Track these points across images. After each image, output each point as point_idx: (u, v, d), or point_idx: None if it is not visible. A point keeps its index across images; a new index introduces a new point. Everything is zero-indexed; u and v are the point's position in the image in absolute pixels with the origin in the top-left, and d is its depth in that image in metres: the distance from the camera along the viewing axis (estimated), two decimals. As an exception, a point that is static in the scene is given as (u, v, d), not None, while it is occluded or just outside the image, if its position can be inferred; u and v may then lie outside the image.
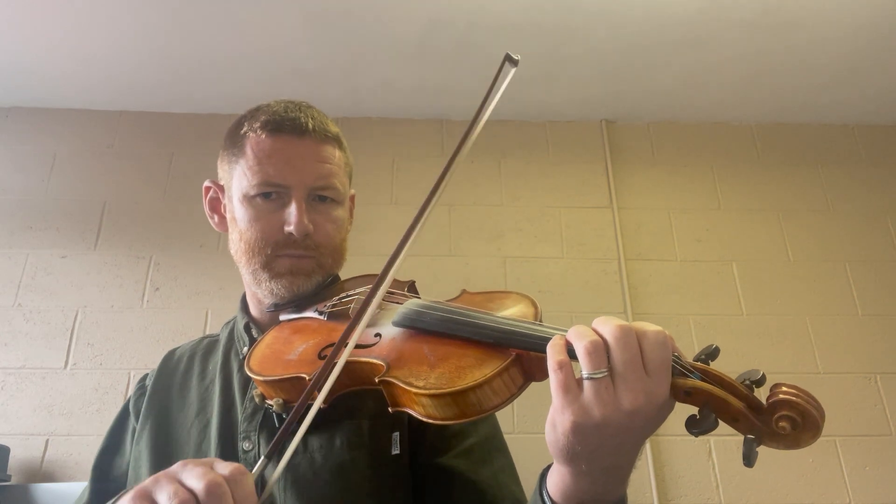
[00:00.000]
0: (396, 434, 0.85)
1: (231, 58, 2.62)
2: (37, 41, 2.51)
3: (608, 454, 0.58)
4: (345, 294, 0.90)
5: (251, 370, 0.80)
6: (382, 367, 0.68)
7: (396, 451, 0.84)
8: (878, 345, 2.61)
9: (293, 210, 0.90)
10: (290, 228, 0.89)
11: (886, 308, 2.69)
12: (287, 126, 0.92)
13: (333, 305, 0.88)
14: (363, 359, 0.71)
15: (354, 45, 2.56)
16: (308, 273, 0.92)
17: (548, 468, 0.66)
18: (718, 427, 0.56)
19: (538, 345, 0.61)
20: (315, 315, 0.88)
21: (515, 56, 0.84)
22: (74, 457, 2.28)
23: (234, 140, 0.96)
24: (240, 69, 2.67)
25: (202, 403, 0.94)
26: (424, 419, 0.64)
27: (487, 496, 0.82)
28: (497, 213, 2.82)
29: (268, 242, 0.91)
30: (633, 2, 2.35)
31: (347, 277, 0.99)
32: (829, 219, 2.87)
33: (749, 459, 0.54)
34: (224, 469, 0.57)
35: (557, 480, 0.63)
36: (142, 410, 0.97)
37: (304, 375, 0.73)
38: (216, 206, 1.02)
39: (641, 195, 2.89)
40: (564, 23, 2.45)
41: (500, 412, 0.66)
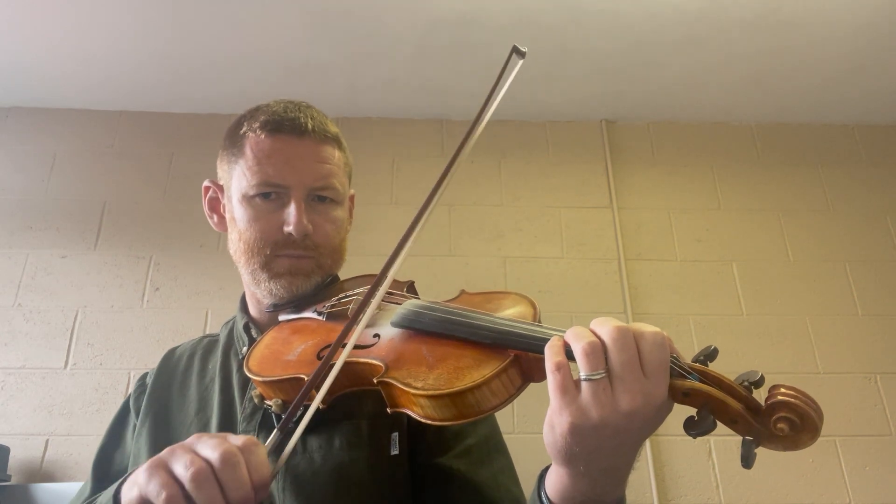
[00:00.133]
0: (395, 434, 0.84)
1: (231, 58, 2.62)
2: (37, 41, 2.51)
3: (606, 455, 0.58)
4: (344, 294, 0.90)
5: (250, 370, 0.80)
6: (381, 368, 0.68)
7: (395, 452, 0.84)
8: (878, 345, 2.61)
9: (292, 210, 0.90)
10: (290, 228, 0.89)
11: (886, 308, 2.68)
12: (286, 126, 0.92)
13: (332, 306, 0.88)
14: (362, 359, 0.71)
15: (354, 45, 2.56)
16: (307, 273, 0.92)
17: (546, 469, 0.66)
18: (717, 428, 0.55)
19: (536, 346, 0.61)
20: (314, 315, 0.88)
21: (523, 48, 0.83)
22: (74, 457, 2.28)
23: (234, 140, 0.95)
24: (240, 69, 2.67)
25: (201, 402, 0.94)
26: (423, 420, 0.64)
27: (486, 497, 0.82)
28: (497, 213, 2.81)
29: (267, 242, 0.91)
30: (633, 2, 2.35)
31: (347, 277, 0.99)
32: (829, 219, 2.86)
33: (747, 461, 0.54)
34: (237, 440, 0.60)
35: (556, 481, 0.63)
36: (142, 408, 0.97)
37: (303, 376, 0.73)
38: (215, 206, 1.02)
39: (641, 195, 2.89)
40: (564, 22, 2.45)
41: (500, 412, 0.66)
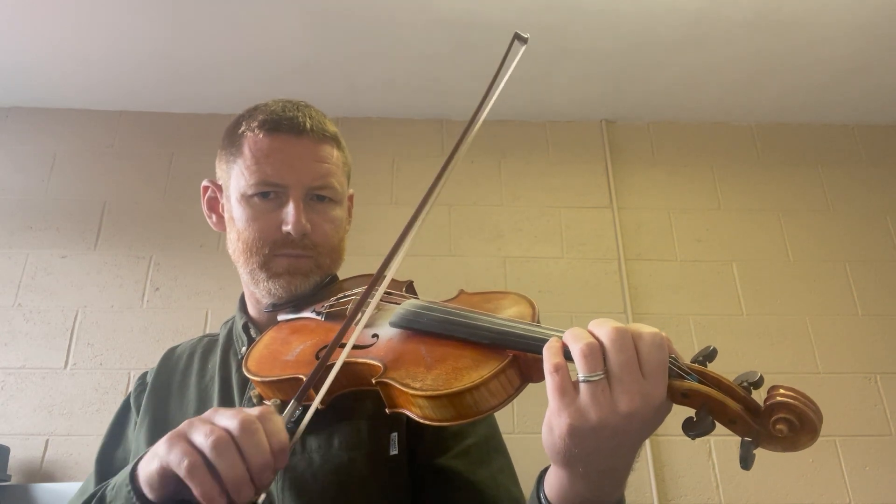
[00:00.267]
0: (395, 435, 0.84)
1: (231, 58, 2.62)
2: (37, 41, 2.51)
3: (606, 457, 0.58)
4: (342, 294, 0.90)
5: (249, 371, 0.80)
6: (379, 368, 0.68)
7: (395, 452, 0.83)
8: (878, 345, 2.61)
9: (291, 210, 0.89)
10: (288, 228, 0.89)
11: (886, 308, 2.68)
12: (285, 125, 0.92)
13: (331, 306, 0.88)
14: (360, 360, 0.70)
15: (354, 45, 2.56)
16: (306, 273, 0.92)
17: (545, 470, 0.66)
18: (716, 429, 0.55)
19: (535, 346, 0.61)
20: (313, 315, 0.88)
21: (525, 34, 0.82)
22: (74, 457, 2.28)
23: (232, 139, 0.95)
24: (240, 69, 2.67)
25: (201, 402, 0.94)
26: (421, 420, 0.64)
27: (486, 497, 0.82)
28: (497, 213, 2.81)
29: (265, 242, 0.91)
30: (633, 2, 2.35)
31: (346, 277, 0.99)
32: (829, 219, 2.86)
33: (746, 462, 0.54)
34: (254, 410, 0.62)
35: (555, 483, 0.62)
36: (142, 405, 0.97)
37: (302, 377, 0.73)
38: (214, 206, 1.02)
39: (641, 195, 2.89)
40: (564, 22, 2.45)
41: (499, 412, 0.65)
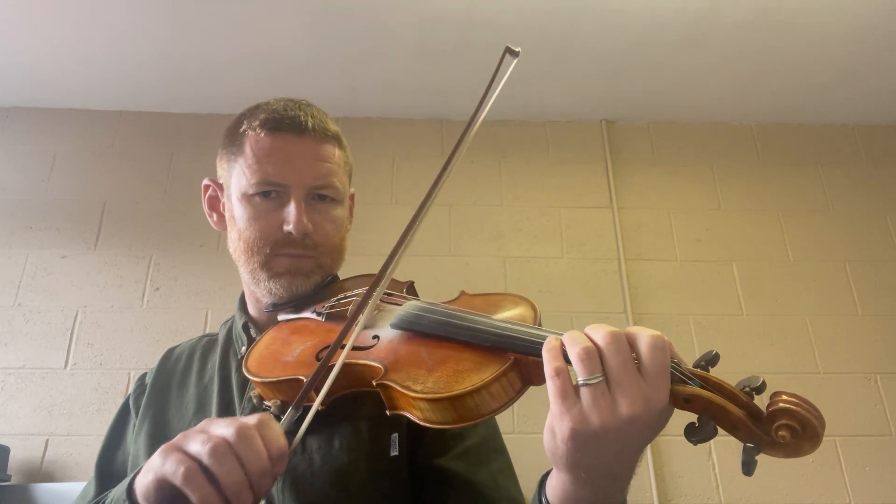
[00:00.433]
0: (395, 435, 0.84)
1: (231, 58, 2.61)
2: (37, 41, 2.51)
3: (608, 461, 0.57)
4: (343, 295, 0.90)
5: (249, 371, 0.79)
6: (380, 370, 0.67)
7: (395, 453, 0.83)
8: (878, 345, 2.61)
9: (292, 209, 0.89)
10: (289, 227, 0.89)
11: (886, 308, 2.68)
12: (286, 124, 0.91)
13: (332, 307, 0.87)
14: (361, 361, 0.70)
15: (354, 45, 2.56)
16: (307, 273, 0.92)
17: (547, 474, 0.66)
18: (718, 434, 0.55)
19: (536, 349, 0.60)
20: (313, 316, 0.88)
21: (516, 48, 0.83)
22: (74, 457, 2.28)
23: (234, 138, 0.95)
24: (240, 69, 2.67)
25: (200, 402, 0.93)
26: (422, 423, 0.64)
27: (485, 498, 0.82)
28: (497, 213, 2.81)
29: (266, 241, 0.90)
30: (633, 2, 2.35)
31: (346, 277, 0.99)
32: (829, 219, 2.86)
33: (748, 468, 0.54)
34: (251, 419, 0.61)
35: (557, 487, 0.62)
36: (141, 407, 0.97)
37: (302, 377, 0.73)
38: (215, 205, 1.01)
39: (641, 195, 2.89)
40: (564, 22, 2.45)
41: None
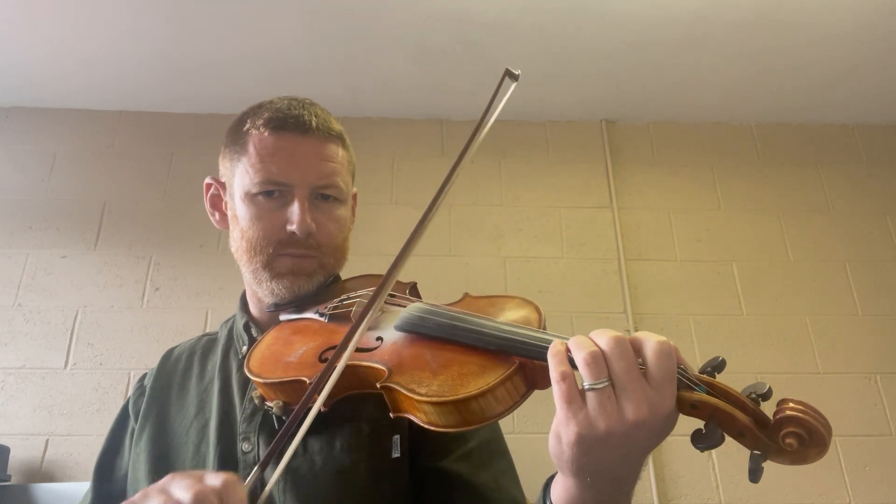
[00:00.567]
0: (397, 437, 0.84)
1: (231, 58, 2.61)
2: (37, 41, 2.50)
3: (613, 466, 0.57)
4: (345, 296, 0.89)
5: (251, 371, 0.79)
6: (384, 373, 0.67)
7: (397, 455, 0.83)
8: (878, 345, 2.61)
9: (296, 209, 0.89)
10: (293, 227, 0.88)
11: (886, 308, 2.68)
12: (290, 124, 0.91)
13: (335, 307, 0.87)
14: (364, 363, 0.70)
15: (354, 45, 2.55)
16: (309, 273, 0.91)
17: (552, 478, 0.66)
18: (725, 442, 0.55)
19: (541, 354, 0.60)
20: (316, 317, 0.87)
21: (516, 71, 0.83)
22: (74, 457, 2.28)
23: (237, 137, 0.94)
24: (240, 69, 2.67)
25: (201, 404, 0.93)
26: (426, 426, 0.64)
27: (487, 499, 0.81)
28: (497, 213, 2.81)
29: (269, 241, 0.90)
30: (633, 2, 2.35)
31: (348, 277, 0.99)
32: (829, 219, 2.86)
33: (755, 475, 0.53)
34: (215, 480, 0.56)
35: (562, 491, 0.62)
36: (141, 411, 0.96)
37: (305, 379, 0.72)
38: (217, 204, 1.01)
39: (641, 195, 2.89)
40: (564, 22, 2.44)
41: (501, 414, 0.65)
